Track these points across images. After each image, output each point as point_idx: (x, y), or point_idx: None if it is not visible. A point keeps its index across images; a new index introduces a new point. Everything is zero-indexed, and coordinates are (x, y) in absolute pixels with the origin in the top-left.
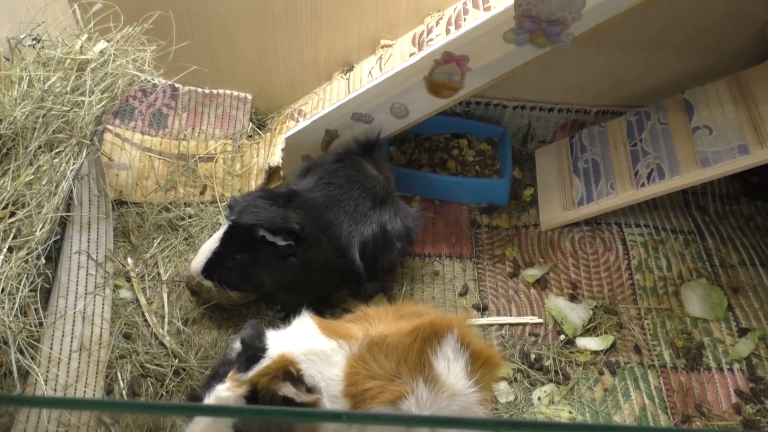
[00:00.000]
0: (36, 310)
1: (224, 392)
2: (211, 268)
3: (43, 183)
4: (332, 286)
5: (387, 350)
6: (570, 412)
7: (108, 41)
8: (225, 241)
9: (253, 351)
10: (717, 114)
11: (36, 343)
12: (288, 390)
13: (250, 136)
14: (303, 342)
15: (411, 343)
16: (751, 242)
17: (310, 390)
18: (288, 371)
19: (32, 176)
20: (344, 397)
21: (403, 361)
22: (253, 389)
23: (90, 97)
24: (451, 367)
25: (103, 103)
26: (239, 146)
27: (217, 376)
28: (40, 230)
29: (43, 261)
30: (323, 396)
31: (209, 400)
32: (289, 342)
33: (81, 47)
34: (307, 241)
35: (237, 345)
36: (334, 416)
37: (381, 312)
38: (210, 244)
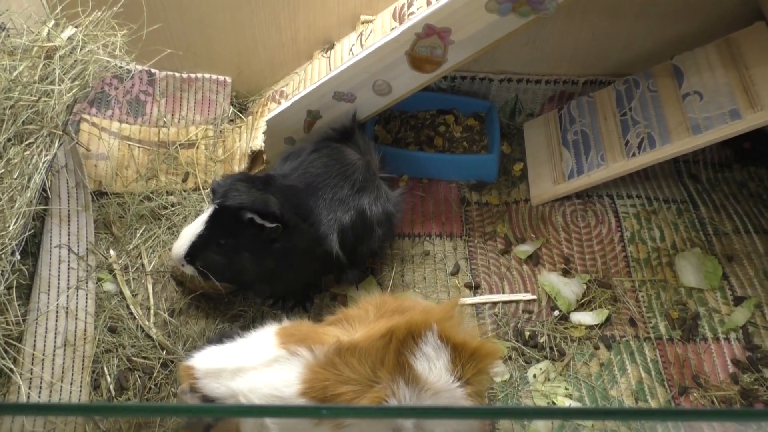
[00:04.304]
0: (13, 308)
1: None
2: (194, 252)
3: (15, 176)
4: (311, 276)
5: (360, 354)
6: (566, 389)
7: (76, 27)
8: (210, 225)
9: None
10: (707, 79)
11: (16, 343)
12: (183, 387)
13: (232, 121)
14: (217, 361)
15: (386, 346)
16: (745, 209)
17: (211, 400)
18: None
19: (2, 170)
20: (304, 398)
21: (380, 364)
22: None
23: (60, 85)
24: (432, 365)
25: (73, 91)
26: (221, 131)
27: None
28: (14, 225)
29: (18, 257)
30: (244, 401)
31: None
32: (203, 360)
33: (48, 34)
34: (289, 225)
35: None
36: (314, 411)
37: (362, 311)
38: (193, 228)
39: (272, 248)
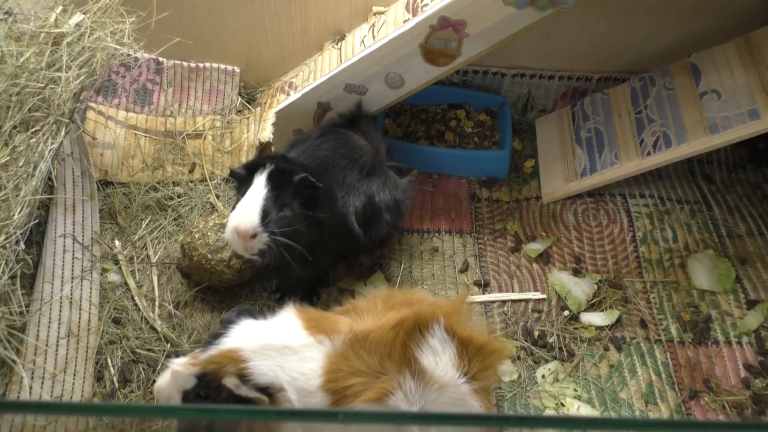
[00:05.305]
0: (16, 297)
1: (178, 366)
2: (268, 217)
3: (20, 164)
4: (336, 256)
5: (370, 346)
6: (575, 390)
7: (84, 13)
8: (272, 186)
9: (218, 334)
10: (726, 78)
11: (20, 334)
12: (230, 380)
13: (240, 111)
14: (262, 337)
15: (394, 338)
16: (759, 211)
17: (263, 388)
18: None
19: (8, 157)
20: (323, 391)
21: (387, 356)
22: (204, 371)
23: (67, 72)
24: (438, 359)
25: (80, 78)
26: (228, 122)
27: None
28: (18, 214)
29: (23, 246)
30: (288, 390)
31: (165, 372)
32: (247, 336)
33: (56, 20)
34: (321, 191)
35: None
36: (330, 415)
37: (370, 303)
38: (254, 195)
39: (317, 215)
